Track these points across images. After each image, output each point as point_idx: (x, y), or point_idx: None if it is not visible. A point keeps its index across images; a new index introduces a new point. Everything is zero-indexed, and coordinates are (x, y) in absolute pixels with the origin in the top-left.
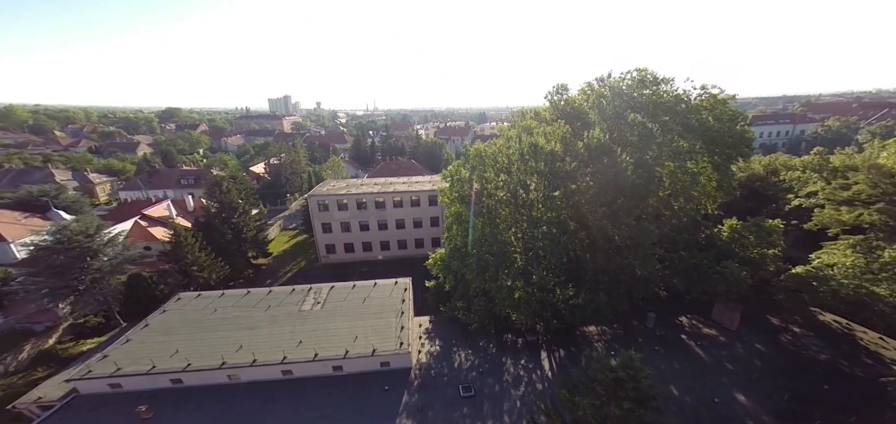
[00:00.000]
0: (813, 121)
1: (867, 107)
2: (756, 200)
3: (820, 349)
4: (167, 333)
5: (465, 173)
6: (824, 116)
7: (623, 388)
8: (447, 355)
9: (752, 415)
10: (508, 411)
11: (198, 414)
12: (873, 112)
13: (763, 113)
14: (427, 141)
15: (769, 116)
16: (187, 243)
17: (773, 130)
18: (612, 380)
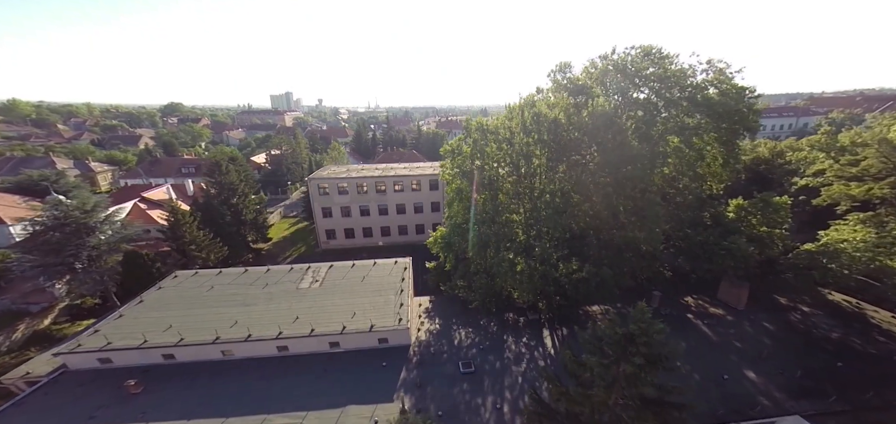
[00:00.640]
0: (817, 114)
1: (871, 101)
2: (761, 183)
3: (831, 327)
4: (161, 309)
5: (467, 149)
6: (828, 109)
7: (634, 344)
8: (447, 333)
9: (763, 392)
10: (509, 387)
11: (189, 390)
12: (878, 105)
13: (766, 107)
14: (428, 133)
15: (773, 109)
16: (185, 221)
17: (777, 124)
18: (621, 336)
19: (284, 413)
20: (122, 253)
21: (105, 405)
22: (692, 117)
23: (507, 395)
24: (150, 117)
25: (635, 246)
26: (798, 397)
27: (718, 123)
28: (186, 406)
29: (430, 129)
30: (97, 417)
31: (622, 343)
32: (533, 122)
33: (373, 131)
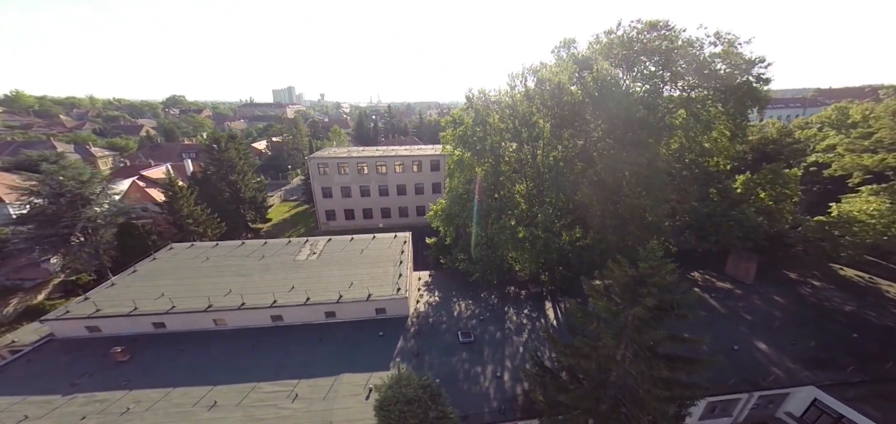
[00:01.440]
0: (825, 105)
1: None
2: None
3: (844, 300)
4: (154, 278)
5: (468, 119)
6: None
7: (644, 286)
8: (446, 305)
9: (775, 363)
10: (510, 356)
11: (178, 359)
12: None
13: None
14: (430, 121)
15: (779, 100)
16: (182, 196)
17: (784, 114)
18: (630, 279)
19: (275, 381)
20: (117, 227)
21: (89, 372)
22: (699, 90)
23: (507, 364)
24: (152, 109)
25: (640, 215)
26: (812, 367)
27: (726, 95)
28: (175, 374)
29: (433, 117)
30: (79, 384)
31: (631, 287)
32: (536, 87)
33: (374, 121)
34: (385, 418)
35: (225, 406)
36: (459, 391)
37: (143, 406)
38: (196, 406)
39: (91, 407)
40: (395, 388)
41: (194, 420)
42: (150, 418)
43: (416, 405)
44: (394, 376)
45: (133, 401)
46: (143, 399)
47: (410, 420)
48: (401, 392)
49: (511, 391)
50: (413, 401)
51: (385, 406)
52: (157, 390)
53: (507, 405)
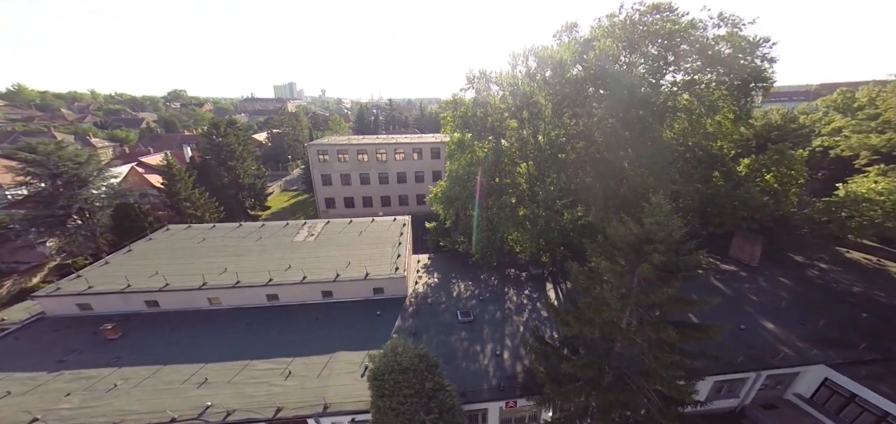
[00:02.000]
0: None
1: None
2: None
3: (852, 282)
4: (149, 257)
5: (469, 100)
6: None
7: (651, 243)
8: (446, 286)
9: (783, 342)
10: (510, 335)
11: (171, 338)
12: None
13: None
14: (432, 113)
15: (783, 93)
16: (181, 178)
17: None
18: (635, 237)
19: (269, 359)
20: (113, 208)
21: (78, 350)
22: (703, 73)
23: (507, 343)
24: (153, 104)
25: (643, 196)
26: (822, 346)
27: (730, 77)
28: (166, 352)
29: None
30: (67, 361)
31: (637, 246)
32: (537, 66)
33: (375, 115)
34: (378, 388)
35: (216, 383)
36: (458, 369)
37: (131, 383)
38: (185, 383)
39: (77, 384)
40: (390, 357)
41: (183, 397)
42: (138, 394)
43: (411, 374)
44: (389, 346)
45: (121, 378)
46: (131, 376)
47: (405, 390)
48: (395, 361)
49: (511, 369)
50: (408, 371)
51: (378, 376)
52: (146, 367)
53: (507, 382)
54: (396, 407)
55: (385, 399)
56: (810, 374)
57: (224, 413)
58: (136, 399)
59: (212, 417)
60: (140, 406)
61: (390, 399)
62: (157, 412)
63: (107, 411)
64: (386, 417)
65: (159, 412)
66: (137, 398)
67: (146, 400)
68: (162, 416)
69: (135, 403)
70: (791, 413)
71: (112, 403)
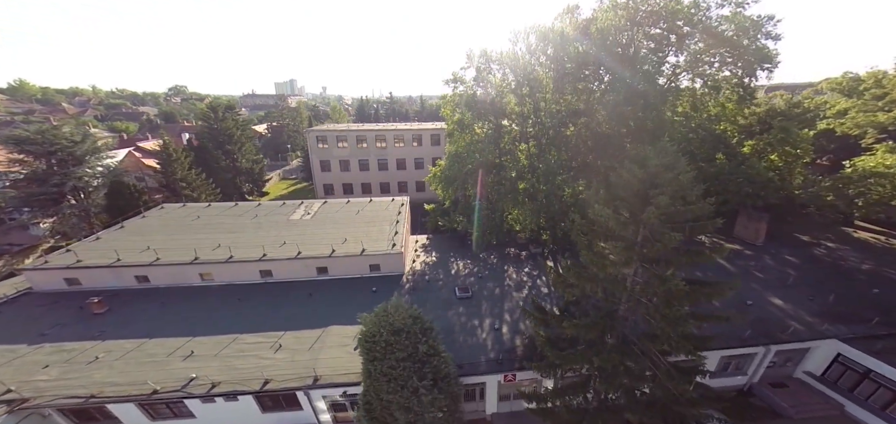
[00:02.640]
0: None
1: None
2: None
3: (861, 259)
4: (142, 234)
5: (469, 80)
6: None
7: (657, 188)
8: (444, 264)
9: (792, 317)
10: (509, 310)
11: (160, 313)
12: None
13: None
14: (432, 105)
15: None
16: (177, 158)
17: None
18: (640, 182)
19: (259, 333)
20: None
21: (62, 324)
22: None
23: (506, 318)
24: (154, 99)
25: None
26: (833, 321)
27: (735, 57)
28: (153, 326)
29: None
30: (49, 334)
31: (642, 192)
32: (539, 40)
33: (375, 108)
34: (369, 351)
35: (202, 356)
36: (455, 342)
37: (114, 356)
38: (170, 356)
39: (57, 356)
40: (381, 316)
41: (166, 370)
42: (119, 366)
43: (403, 336)
44: (381, 307)
45: (104, 351)
46: (115, 349)
47: (397, 352)
48: (387, 321)
49: (509, 343)
50: (400, 332)
51: (369, 338)
52: (131, 340)
53: (505, 355)
54: (388, 372)
55: (376, 363)
56: (821, 350)
57: (209, 385)
58: (117, 371)
59: (195, 389)
60: (121, 378)
61: (381, 362)
62: (138, 383)
63: (85, 382)
64: (377, 383)
65: (140, 383)
66: (119, 370)
67: (128, 372)
68: (143, 388)
69: (116, 375)
70: (801, 391)
71: (92, 375)
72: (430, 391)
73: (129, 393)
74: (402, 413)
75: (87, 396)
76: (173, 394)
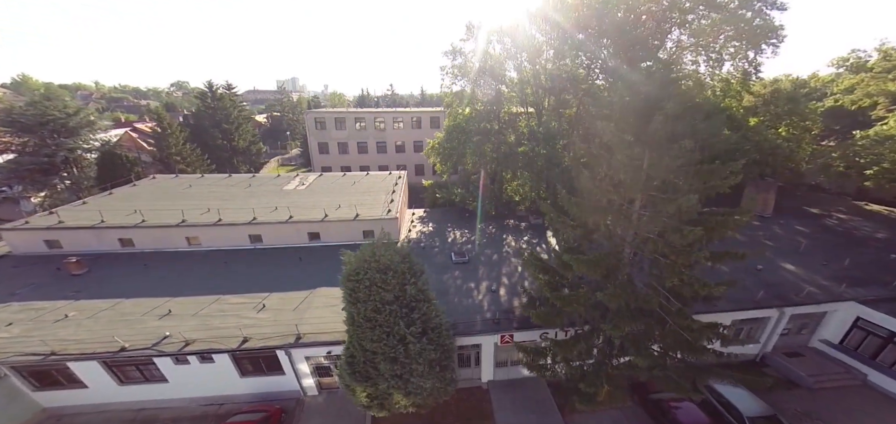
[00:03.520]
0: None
1: None
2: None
3: (874, 229)
4: (130, 200)
5: (468, 52)
6: None
7: (661, 109)
8: (441, 233)
9: (806, 281)
10: (507, 275)
11: (142, 275)
12: None
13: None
14: (432, 96)
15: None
16: (172, 132)
17: None
18: (643, 101)
19: (243, 294)
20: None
21: (35, 284)
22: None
23: (504, 281)
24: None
25: None
26: (851, 284)
27: (737, 32)
28: (134, 288)
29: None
30: (20, 294)
31: (645, 112)
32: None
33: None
34: (352, 290)
35: (180, 315)
36: (450, 303)
37: (85, 314)
38: (146, 316)
39: (23, 314)
40: (367, 252)
41: (138, 328)
42: (89, 325)
43: (390, 275)
44: (367, 244)
45: (76, 310)
46: (88, 308)
47: (382, 293)
48: (372, 258)
49: (507, 304)
50: (387, 271)
51: (352, 276)
52: (106, 300)
53: (503, 316)
54: (372, 317)
55: (359, 306)
56: (839, 315)
57: (182, 343)
58: (85, 329)
59: (167, 347)
60: (88, 336)
61: (365, 304)
62: (105, 341)
63: (49, 339)
64: (360, 330)
65: (107, 341)
66: (88, 328)
67: (97, 331)
68: (110, 346)
69: (83, 333)
70: (818, 361)
71: (57, 332)
72: (419, 339)
73: (94, 351)
74: (387, 364)
75: (47, 353)
76: (142, 352)
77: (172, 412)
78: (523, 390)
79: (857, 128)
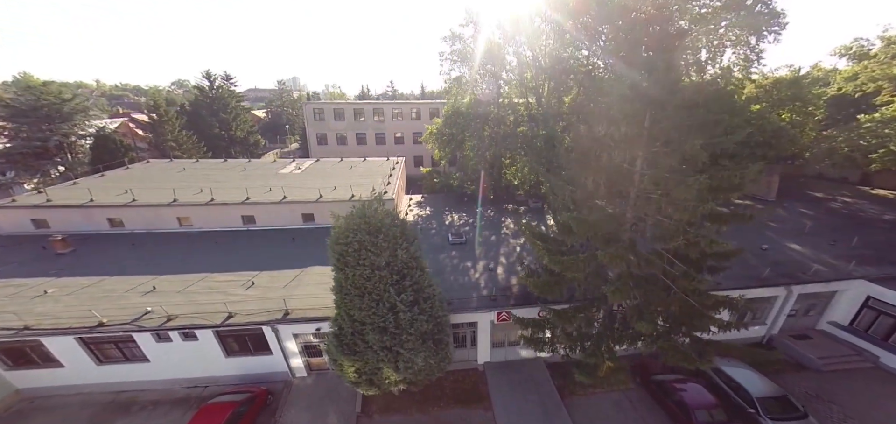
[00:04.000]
0: None
1: None
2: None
3: (881, 211)
4: (122, 182)
5: (467, 37)
6: None
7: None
8: (438, 217)
9: (813, 260)
10: (505, 255)
11: (130, 254)
12: None
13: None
14: (432, 93)
15: None
16: (168, 118)
17: None
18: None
19: (232, 272)
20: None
21: (18, 262)
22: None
23: (502, 260)
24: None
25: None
26: (860, 263)
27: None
28: (120, 266)
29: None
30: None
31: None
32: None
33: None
34: (340, 255)
35: (165, 292)
36: (446, 281)
37: (66, 292)
38: (129, 292)
39: (0, 292)
40: (356, 214)
41: (120, 304)
42: (68, 301)
43: (381, 238)
44: (357, 206)
45: (56, 287)
46: (70, 285)
47: (372, 257)
48: (363, 219)
49: (505, 282)
50: (379, 232)
51: (341, 239)
52: (89, 277)
53: (500, 293)
54: (361, 284)
55: (347, 271)
56: (848, 295)
57: (164, 318)
58: (62, 305)
59: (148, 322)
60: (66, 312)
61: (354, 269)
62: (83, 317)
63: (23, 314)
64: (348, 298)
65: (85, 316)
66: (66, 304)
67: (76, 307)
68: (87, 320)
69: (61, 309)
70: (827, 344)
71: (33, 308)
72: (410, 308)
73: (70, 326)
74: (376, 335)
75: (20, 327)
76: (121, 328)
77: (153, 394)
78: (521, 372)
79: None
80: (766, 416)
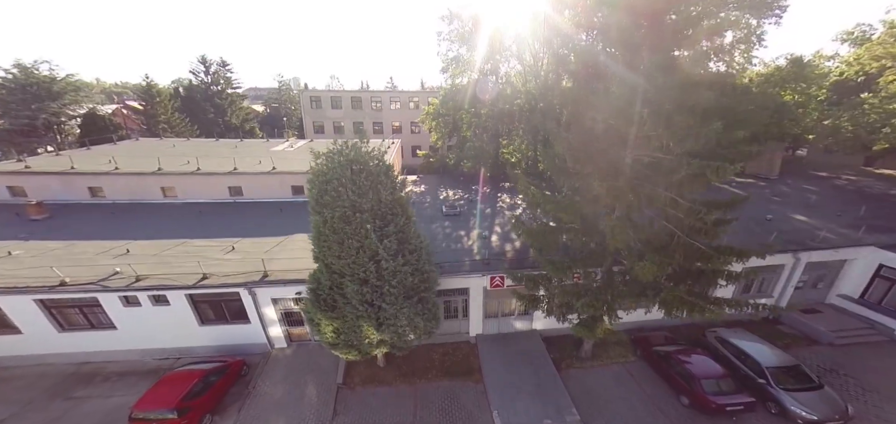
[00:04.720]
0: None
1: None
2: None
3: (887, 187)
4: (107, 155)
5: (465, 17)
6: None
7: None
8: (433, 192)
9: (820, 229)
10: (501, 224)
11: (109, 222)
12: None
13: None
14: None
15: None
16: (161, 101)
17: None
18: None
19: (214, 239)
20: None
21: None
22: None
23: (497, 229)
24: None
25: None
26: (869, 232)
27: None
28: (96, 232)
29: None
30: None
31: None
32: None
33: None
34: (318, 195)
35: (139, 255)
36: (439, 248)
37: (31, 253)
38: (100, 255)
39: None
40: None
41: (87, 265)
42: (32, 262)
43: (363, 176)
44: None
45: (24, 249)
46: (38, 248)
47: (354, 198)
48: (343, 156)
49: (499, 249)
50: (361, 172)
51: (319, 179)
52: (60, 241)
53: (494, 257)
54: (339, 227)
55: (325, 213)
56: (858, 265)
57: (132, 278)
58: (26, 266)
59: (115, 283)
60: (28, 273)
61: (332, 210)
62: (45, 277)
63: None
64: (326, 244)
65: (47, 277)
66: (30, 264)
67: (40, 268)
68: (49, 280)
69: (24, 270)
70: (838, 317)
71: None
72: (394, 257)
73: (28, 285)
74: (355, 286)
75: None
76: (84, 287)
77: (121, 365)
78: (515, 344)
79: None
80: (777, 387)
